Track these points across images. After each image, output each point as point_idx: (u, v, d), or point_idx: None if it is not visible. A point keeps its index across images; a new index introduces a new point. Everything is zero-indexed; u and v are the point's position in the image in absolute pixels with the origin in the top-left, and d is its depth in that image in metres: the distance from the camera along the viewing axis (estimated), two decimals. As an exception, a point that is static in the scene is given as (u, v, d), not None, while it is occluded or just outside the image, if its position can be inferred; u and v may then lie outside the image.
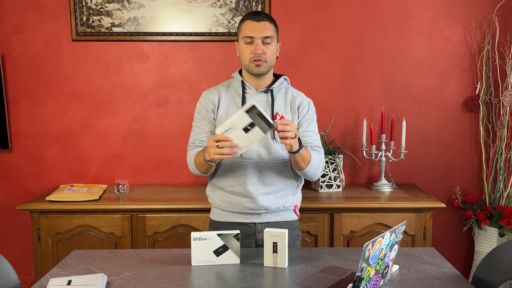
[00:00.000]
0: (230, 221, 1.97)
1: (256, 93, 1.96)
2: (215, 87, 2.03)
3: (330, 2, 2.91)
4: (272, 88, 1.96)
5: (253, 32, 1.86)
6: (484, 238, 2.90)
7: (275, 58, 1.93)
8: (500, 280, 1.65)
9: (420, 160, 3.04)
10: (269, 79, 1.97)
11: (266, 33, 1.86)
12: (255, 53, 1.86)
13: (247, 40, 1.88)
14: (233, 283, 1.57)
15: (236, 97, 1.96)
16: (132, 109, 2.98)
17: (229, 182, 1.95)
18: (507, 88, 2.87)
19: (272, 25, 1.90)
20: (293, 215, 2.01)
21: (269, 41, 1.87)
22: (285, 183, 1.96)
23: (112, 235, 2.56)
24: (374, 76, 2.98)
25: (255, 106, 1.61)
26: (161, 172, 3.02)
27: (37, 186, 3.01)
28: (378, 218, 2.58)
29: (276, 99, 1.96)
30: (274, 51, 1.91)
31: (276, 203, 1.94)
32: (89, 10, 2.87)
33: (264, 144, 1.91)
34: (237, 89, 1.98)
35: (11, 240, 3.04)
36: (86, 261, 1.77)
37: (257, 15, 1.89)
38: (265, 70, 1.90)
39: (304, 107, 1.98)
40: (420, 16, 2.93)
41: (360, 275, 1.32)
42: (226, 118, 1.93)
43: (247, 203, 1.92)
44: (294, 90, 2.03)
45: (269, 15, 1.92)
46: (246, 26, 1.88)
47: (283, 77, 2.01)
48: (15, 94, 2.94)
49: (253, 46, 1.87)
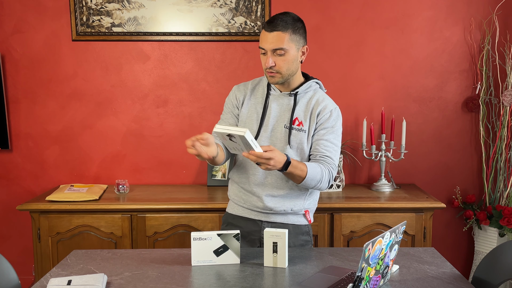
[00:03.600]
0: (240, 215, 1.98)
1: (280, 96, 1.92)
2: (245, 84, 2.00)
3: (330, 2, 2.91)
4: (297, 92, 1.90)
5: (263, 43, 1.80)
6: (484, 238, 2.90)
7: (294, 66, 1.84)
8: (500, 280, 1.65)
9: (420, 160, 3.04)
10: (296, 82, 1.91)
11: (276, 45, 1.78)
12: (266, 66, 1.82)
13: (261, 51, 1.83)
14: (233, 283, 1.57)
15: (260, 98, 1.94)
16: (132, 109, 2.98)
17: (242, 179, 1.95)
18: (507, 88, 2.87)
19: (286, 33, 1.78)
20: (303, 219, 1.96)
21: (281, 53, 1.79)
22: (294, 188, 1.90)
23: (112, 235, 2.56)
24: (374, 76, 2.98)
25: (244, 137, 1.59)
26: (161, 172, 3.02)
27: (37, 186, 3.01)
28: (378, 218, 2.58)
29: (298, 104, 1.90)
30: (291, 59, 1.81)
31: (283, 206, 1.91)
32: (89, 10, 2.87)
33: (277, 148, 1.86)
34: (264, 89, 1.95)
35: (11, 240, 3.04)
36: (86, 261, 1.77)
37: (271, 23, 1.79)
38: (280, 80, 1.85)
39: (325, 114, 1.88)
40: (420, 16, 2.93)
41: (360, 275, 1.32)
42: (246, 118, 1.93)
43: (254, 201, 1.93)
44: (321, 95, 1.93)
45: (286, 20, 1.79)
46: (261, 36, 1.82)
47: (313, 81, 1.93)
48: (15, 94, 2.94)
49: (266, 57, 1.82)
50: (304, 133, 1.88)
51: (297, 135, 1.88)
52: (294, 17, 1.83)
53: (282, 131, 1.89)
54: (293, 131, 1.88)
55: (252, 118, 1.93)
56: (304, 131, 1.88)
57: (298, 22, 1.83)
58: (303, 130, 1.88)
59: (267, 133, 1.90)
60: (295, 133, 1.88)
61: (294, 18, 1.82)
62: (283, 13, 1.83)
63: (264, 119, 1.91)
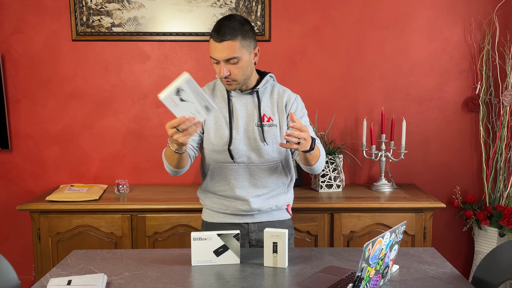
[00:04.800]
0: (222, 222, 1.95)
1: (241, 96, 1.90)
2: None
3: (330, 2, 2.91)
4: (258, 89, 1.90)
5: (214, 54, 1.75)
6: (484, 238, 2.90)
7: (249, 70, 1.82)
8: (500, 280, 1.65)
9: (420, 160, 3.04)
10: (253, 80, 1.90)
11: (228, 54, 1.73)
12: (221, 76, 1.78)
13: (213, 60, 1.78)
14: (233, 283, 1.57)
15: (222, 102, 1.90)
16: (132, 109, 2.98)
17: (220, 187, 1.92)
18: (507, 88, 2.87)
19: (236, 41, 1.72)
20: (286, 214, 2.01)
21: (235, 61, 1.75)
22: (277, 184, 1.94)
23: (112, 235, 2.56)
24: (374, 76, 2.98)
25: (191, 79, 1.49)
26: (161, 172, 3.02)
27: (37, 186, 3.01)
28: (378, 218, 2.58)
29: (262, 100, 1.90)
30: (245, 65, 1.78)
31: (269, 204, 1.93)
32: (89, 10, 2.87)
33: (254, 147, 1.88)
34: (222, 93, 1.91)
35: (11, 240, 3.04)
36: (86, 261, 1.77)
37: (219, 33, 1.73)
38: (237, 87, 1.83)
39: (292, 105, 1.92)
40: (420, 16, 2.93)
41: (360, 275, 1.32)
42: (215, 125, 1.88)
43: (239, 205, 1.92)
44: (280, 88, 1.95)
45: (234, 27, 1.73)
46: (211, 45, 1.76)
47: (268, 75, 1.94)
48: (15, 94, 2.94)
49: (219, 67, 1.77)
50: (276, 127, 1.89)
51: (270, 131, 1.88)
52: (241, 21, 1.77)
53: (255, 130, 1.88)
54: (265, 128, 1.88)
55: (221, 123, 1.89)
56: (276, 125, 1.89)
57: (245, 25, 1.77)
58: (274, 125, 1.89)
59: (240, 135, 1.88)
60: (268, 129, 1.88)
61: (241, 22, 1.76)
62: (228, 18, 1.76)
63: (233, 122, 1.89)
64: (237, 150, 1.87)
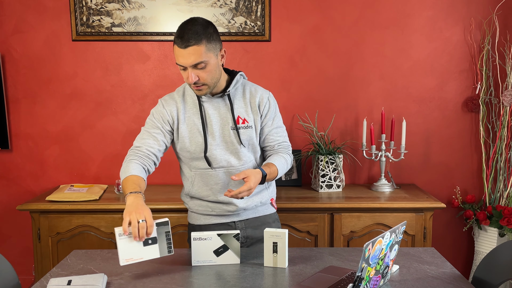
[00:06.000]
0: (209, 223, 1.95)
1: (213, 100, 1.86)
2: (171, 97, 1.89)
3: (330, 2, 2.91)
4: (229, 92, 1.85)
5: (180, 60, 1.70)
6: (484, 238, 2.90)
7: (217, 73, 1.78)
8: (500, 280, 1.65)
9: (420, 160, 3.04)
10: (223, 82, 1.85)
11: (194, 60, 1.68)
12: (189, 82, 1.74)
13: (180, 67, 1.74)
14: (233, 283, 1.57)
15: (193, 109, 1.86)
16: (132, 109, 2.98)
17: (203, 193, 1.92)
18: (507, 88, 2.87)
19: (201, 46, 1.68)
20: (271, 208, 2.01)
21: (202, 66, 1.71)
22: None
23: (112, 235, 2.56)
24: (374, 76, 2.98)
25: (168, 223, 1.62)
26: (161, 172, 3.02)
27: (37, 186, 3.01)
28: (378, 218, 2.58)
29: (234, 102, 1.87)
30: (213, 69, 1.74)
31: (253, 201, 1.93)
32: (89, 10, 2.87)
33: (232, 151, 1.87)
34: (193, 98, 1.87)
35: (11, 240, 3.04)
36: (86, 261, 1.77)
37: (182, 38, 1.67)
38: (208, 91, 1.80)
39: (265, 105, 1.89)
40: (420, 16, 2.93)
41: (360, 275, 1.32)
42: (189, 133, 1.85)
43: (225, 207, 1.92)
44: (251, 86, 1.92)
45: (197, 30, 1.68)
46: (175, 52, 1.71)
47: (238, 75, 1.88)
48: (15, 94, 2.94)
49: (187, 73, 1.73)
50: (252, 128, 1.88)
51: (246, 133, 1.87)
52: (204, 24, 1.71)
53: (231, 134, 1.86)
54: (241, 130, 1.87)
55: (194, 131, 1.85)
56: (251, 126, 1.88)
57: (209, 27, 1.72)
58: (250, 126, 1.88)
59: (216, 140, 1.85)
60: (243, 131, 1.87)
61: (203, 25, 1.70)
62: (190, 22, 1.71)
63: (207, 128, 1.86)
64: (215, 156, 1.86)
